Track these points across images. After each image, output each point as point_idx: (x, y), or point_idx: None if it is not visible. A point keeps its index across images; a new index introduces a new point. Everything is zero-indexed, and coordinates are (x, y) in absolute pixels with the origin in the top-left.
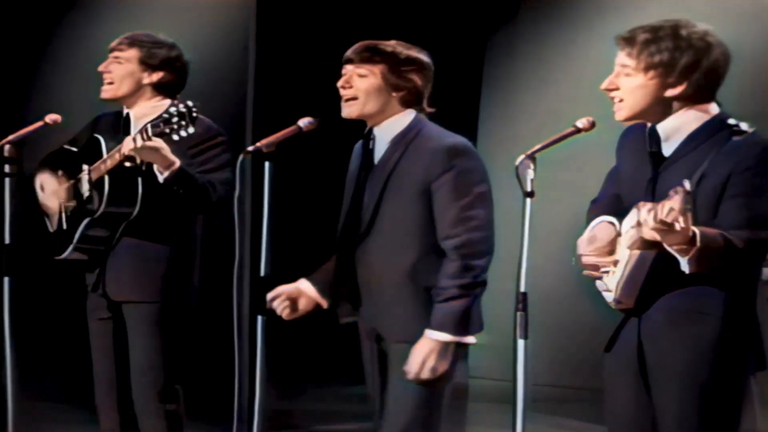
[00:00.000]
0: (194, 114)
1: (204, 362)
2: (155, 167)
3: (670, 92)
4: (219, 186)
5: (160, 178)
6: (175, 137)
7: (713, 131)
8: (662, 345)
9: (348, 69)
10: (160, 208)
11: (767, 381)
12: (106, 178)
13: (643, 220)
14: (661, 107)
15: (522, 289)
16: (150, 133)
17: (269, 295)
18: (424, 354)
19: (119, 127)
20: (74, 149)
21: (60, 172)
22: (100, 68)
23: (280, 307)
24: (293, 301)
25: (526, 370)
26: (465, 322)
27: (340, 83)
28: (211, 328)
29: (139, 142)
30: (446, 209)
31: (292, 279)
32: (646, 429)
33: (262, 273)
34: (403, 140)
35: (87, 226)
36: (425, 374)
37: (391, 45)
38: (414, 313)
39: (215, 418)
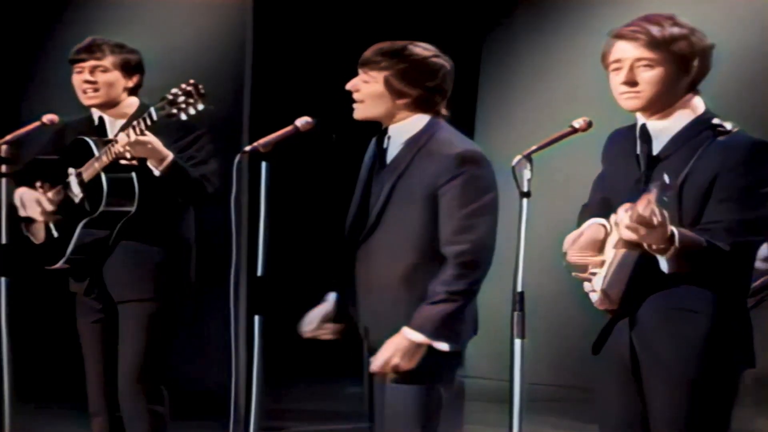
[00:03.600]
0: (201, 90)
1: (201, 361)
2: (149, 162)
3: (685, 80)
4: (212, 177)
5: (156, 173)
6: (183, 116)
7: (699, 130)
8: (653, 344)
9: (359, 72)
10: (158, 204)
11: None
12: (103, 176)
13: (619, 219)
14: (672, 97)
15: (519, 288)
16: (154, 117)
17: (312, 326)
18: (391, 351)
19: (94, 130)
20: (54, 157)
21: (39, 183)
22: (86, 80)
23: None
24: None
25: (522, 369)
26: (445, 327)
27: (348, 86)
28: (209, 327)
29: (133, 136)
30: (451, 216)
31: (290, 279)
32: (637, 429)
33: (259, 273)
34: (416, 143)
35: (84, 228)
36: (387, 370)
37: (403, 49)
38: (407, 318)
39: (212, 418)
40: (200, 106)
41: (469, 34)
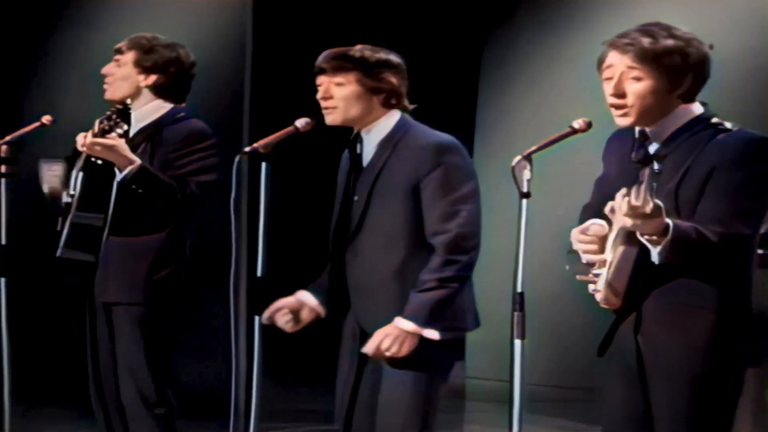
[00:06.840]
0: (128, 111)
1: (201, 361)
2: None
3: (676, 92)
4: (195, 187)
5: (118, 177)
6: (114, 134)
7: (697, 129)
8: (658, 341)
9: (323, 80)
10: (150, 205)
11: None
12: (81, 174)
13: (617, 206)
14: (665, 108)
15: (519, 289)
16: (95, 128)
17: (269, 310)
18: (380, 337)
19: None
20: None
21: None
22: (103, 71)
23: (283, 321)
24: (295, 313)
25: (522, 370)
26: (435, 315)
27: (319, 95)
28: (209, 327)
29: (89, 138)
30: (435, 205)
31: (289, 279)
32: (641, 429)
33: (259, 273)
34: (391, 141)
35: (74, 224)
36: (378, 356)
37: (358, 50)
38: (402, 312)
39: (212, 417)
40: (121, 128)
41: (470, 34)
